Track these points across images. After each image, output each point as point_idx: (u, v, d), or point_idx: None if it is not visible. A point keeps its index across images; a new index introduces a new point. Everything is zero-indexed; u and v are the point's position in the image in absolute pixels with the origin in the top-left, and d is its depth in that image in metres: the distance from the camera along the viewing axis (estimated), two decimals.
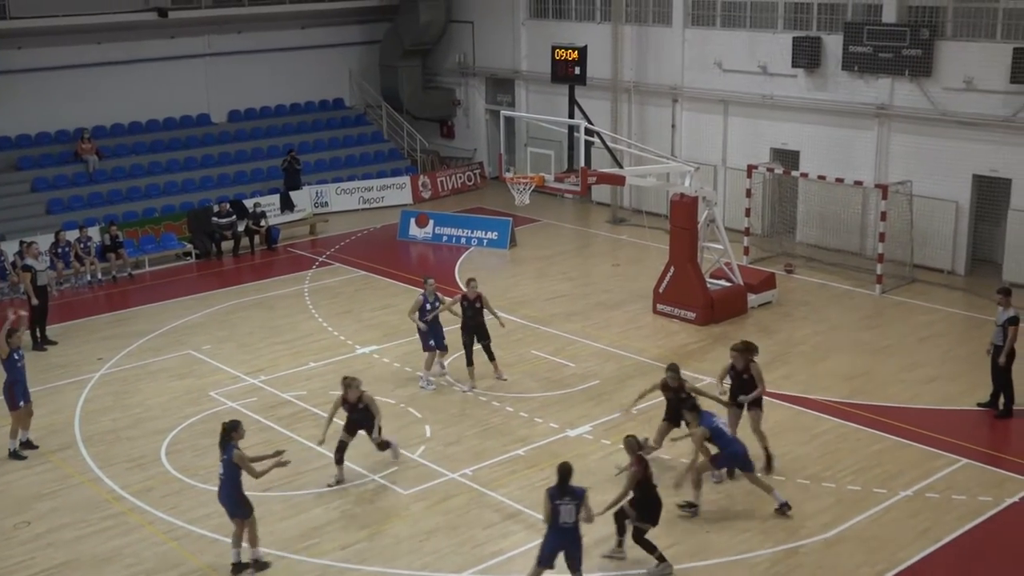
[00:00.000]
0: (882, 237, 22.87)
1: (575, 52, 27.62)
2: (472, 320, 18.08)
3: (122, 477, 15.43)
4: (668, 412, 14.96)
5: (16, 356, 16.06)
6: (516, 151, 27.08)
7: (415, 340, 18.78)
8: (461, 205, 31.23)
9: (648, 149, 24.37)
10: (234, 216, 27.73)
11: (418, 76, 35.85)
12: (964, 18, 23.45)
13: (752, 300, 21.98)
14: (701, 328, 20.97)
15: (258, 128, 33.37)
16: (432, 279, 18.47)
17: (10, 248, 24.10)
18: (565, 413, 17.19)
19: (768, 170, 25.83)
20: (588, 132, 21.36)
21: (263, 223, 27.87)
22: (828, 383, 18.26)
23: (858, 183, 24.09)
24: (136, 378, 19.23)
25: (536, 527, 12.93)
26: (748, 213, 25.21)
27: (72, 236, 25.17)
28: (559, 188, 21.19)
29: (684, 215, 21.29)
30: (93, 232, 25.76)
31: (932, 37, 23.55)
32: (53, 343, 21.03)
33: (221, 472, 12.72)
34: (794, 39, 25.86)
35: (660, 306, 21.80)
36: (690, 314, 21.26)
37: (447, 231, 28.14)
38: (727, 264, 22.12)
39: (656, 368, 17.78)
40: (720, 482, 14.51)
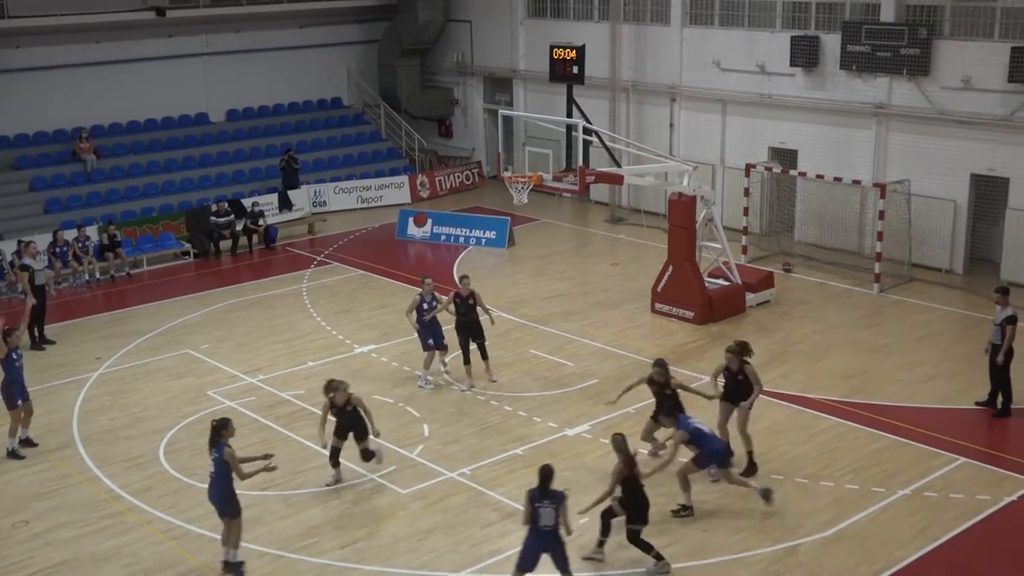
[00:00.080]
0: (880, 236, 22.87)
1: (573, 51, 27.63)
2: (466, 317, 18.07)
3: (120, 476, 15.43)
4: (656, 410, 14.97)
5: (14, 356, 16.06)
6: (514, 150, 27.12)
7: (413, 339, 18.77)
8: (459, 204, 31.22)
9: (646, 148, 24.37)
10: (232, 215, 27.71)
11: (416, 75, 35.84)
12: (962, 17, 23.46)
13: (750, 299, 21.99)
14: (699, 327, 20.97)
15: (256, 127, 33.34)
16: (430, 279, 18.43)
17: (8, 247, 24.10)
18: (563, 412, 17.19)
19: (766, 169, 25.82)
20: (586, 131, 21.38)
21: (261, 222, 27.87)
22: (826, 382, 18.26)
23: (856, 182, 24.09)
24: (134, 377, 19.22)
25: None
26: (746, 212, 25.22)
27: (70, 235, 25.16)
28: (557, 187, 21.20)
29: (682, 214, 21.29)
30: (91, 231, 25.74)
31: (930, 36, 23.56)
32: (51, 342, 21.02)
33: (212, 470, 12.70)
34: (792, 38, 25.87)
35: (658, 305, 21.80)
36: (688, 313, 21.26)
37: (445, 230, 28.13)
38: (725, 263, 22.12)
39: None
40: (717, 480, 14.50)
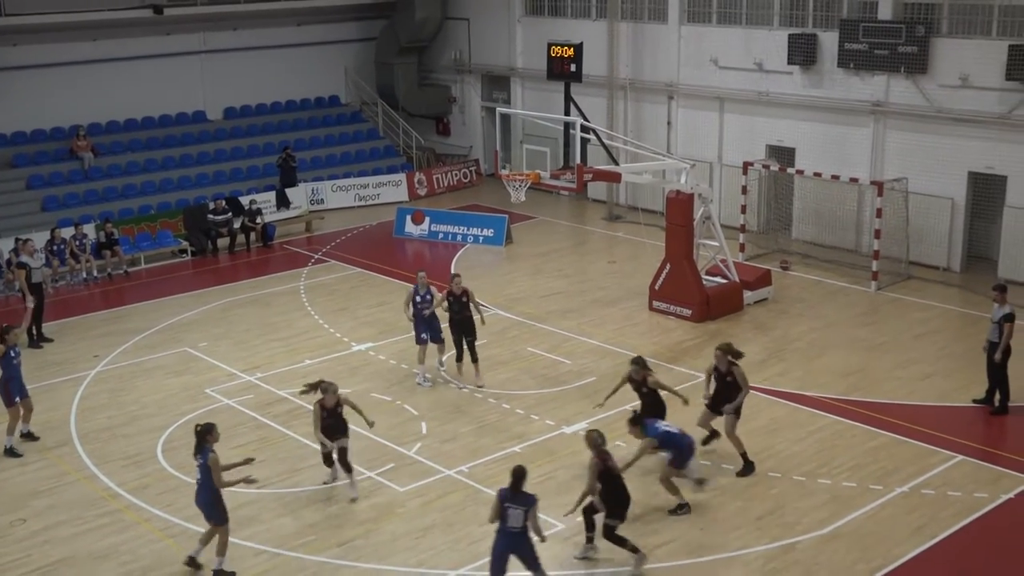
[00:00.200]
0: (878, 234, 22.87)
1: (571, 49, 27.58)
2: (458, 315, 18.10)
3: (118, 474, 15.42)
4: (641, 408, 14.86)
5: (12, 353, 16.06)
6: (512, 148, 27.07)
7: (411, 337, 18.73)
8: (457, 202, 31.22)
9: (644, 146, 24.36)
10: (230, 213, 27.70)
11: (414, 73, 35.82)
12: (960, 15, 23.46)
13: (748, 297, 21.99)
14: (697, 325, 20.98)
15: (254, 125, 33.31)
16: (423, 272, 18.47)
17: (5, 245, 24.08)
18: (561, 410, 17.20)
19: (764, 167, 25.84)
20: (584, 129, 21.34)
21: (259, 220, 27.86)
22: (824, 380, 18.27)
23: (854, 180, 24.09)
24: (132, 375, 19.21)
25: None
26: (744, 210, 25.23)
27: (68, 233, 25.15)
28: (555, 185, 21.19)
29: (680, 212, 21.29)
30: (89, 229, 25.74)
31: (928, 34, 23.56)
32: (49, 340, 21.00)
33: (198, 476, 12.61)
34: (790, 36, 25.87)
35: (656, 303, 21.80)
36: (686, 311, 21.27)
37: (443, 228, 28.12)
38: (723, 261, 22.13)
39: (652, 365, 17.73)
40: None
